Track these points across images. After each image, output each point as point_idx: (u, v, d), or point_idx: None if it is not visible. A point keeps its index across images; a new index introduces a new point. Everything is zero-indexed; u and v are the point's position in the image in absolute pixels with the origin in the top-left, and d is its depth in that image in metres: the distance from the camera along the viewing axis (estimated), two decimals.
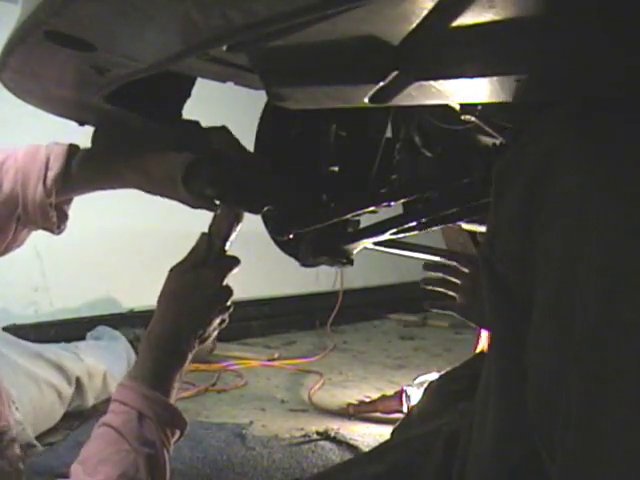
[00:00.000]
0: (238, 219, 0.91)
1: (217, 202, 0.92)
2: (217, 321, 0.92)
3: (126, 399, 0.82)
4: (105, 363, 1.66)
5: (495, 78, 0.53)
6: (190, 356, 0.89)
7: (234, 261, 0.91)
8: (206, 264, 0.89)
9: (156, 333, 0.87)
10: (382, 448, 0.88)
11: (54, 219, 0.89)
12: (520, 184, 0.51)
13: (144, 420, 0.80)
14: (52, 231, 0.92)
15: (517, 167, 0.52)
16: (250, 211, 0.93)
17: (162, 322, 0.87)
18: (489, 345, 0.59)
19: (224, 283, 0.90)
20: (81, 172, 0.89)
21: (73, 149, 0.90)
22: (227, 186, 0.89)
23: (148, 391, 0.82)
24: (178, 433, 0.85)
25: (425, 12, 0.45)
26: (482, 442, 0.57)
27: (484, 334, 1.63)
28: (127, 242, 2.15)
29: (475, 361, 1.16)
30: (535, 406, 0.49)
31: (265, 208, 0.96)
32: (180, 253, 0.92)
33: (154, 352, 0.86)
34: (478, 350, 1.56)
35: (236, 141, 0.94)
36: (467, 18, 0.45)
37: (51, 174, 0.87)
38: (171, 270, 0.89)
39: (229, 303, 0.92)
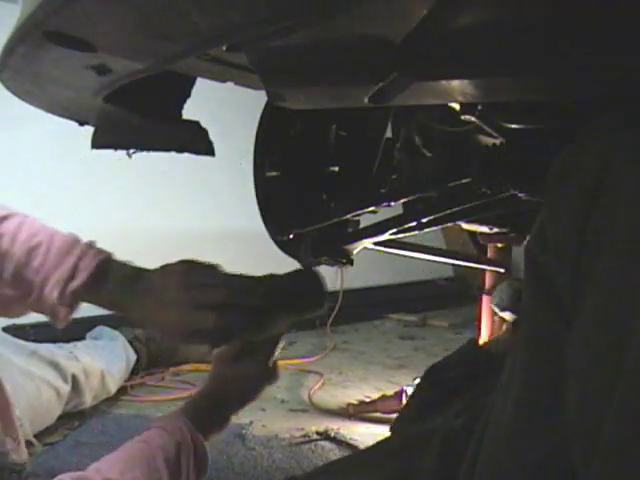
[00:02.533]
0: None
1: None
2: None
3: (171, 428, 0.84)
4: (103, 362, 1.66)
5: (495, 78, 0.53)
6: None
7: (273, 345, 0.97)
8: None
9: (211, 395, 0.93)
10: (376, 451, 0.87)
11: (60, 316, 0.85)
12: (577, 186, 0.50)
13: (182, 453, 0.82)
14: (55, 324, 0.88)
15: (573, 168, 0.51)
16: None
17: (215, 393, 0.93)
18: (516, 339, 0.58)
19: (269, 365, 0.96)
20: (100, 294, 0.84)
21: (103, 265, 0.84)
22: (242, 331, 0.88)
23: (193, 431, 0.85)
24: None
25: (425, 12, 0.45)
26: (496, 442, 0.57)
27: (484, 332, 1.63)
28: (126, 242, 2.15)
29: (466, 349, 1.15)
30: (577, 408, 0.49)
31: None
32: (179, 253, 0.92)
33: (206, 403, 0.92)
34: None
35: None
36: (467, 18, 0.45)
37: (73, 285, 0.82)
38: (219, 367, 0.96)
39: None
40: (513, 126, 0.84)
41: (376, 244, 1.18)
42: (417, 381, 1.56)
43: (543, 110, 0.82)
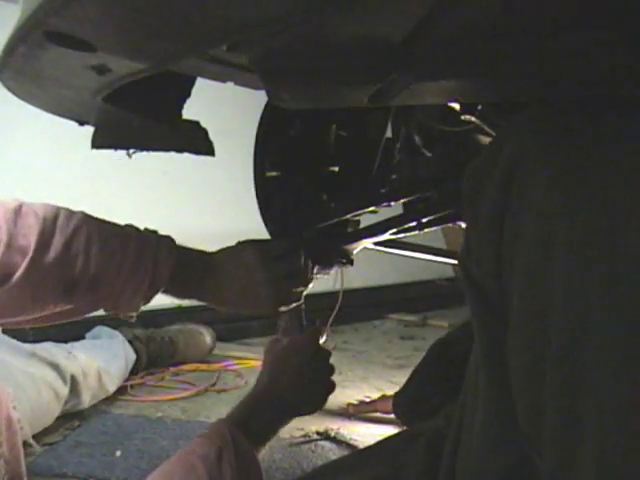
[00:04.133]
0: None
1: None
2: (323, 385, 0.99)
3: (212, 434, 0.84)
4: (100, 360, 1.65)
5: (495, 78, 0.53)
6: (293, 415, 0.94)
7: (316, 327, 1.01)
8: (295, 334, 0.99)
9: (257, 389, 0.94)
10: (365, 453, 0.88)
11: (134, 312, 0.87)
12: (490, 190, 0.51)
13: (223, 459, 0.80)
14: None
15: (487, 173, 0.52)
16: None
17: (262, 381, 0.94)
18: (474, 351, 0.59)
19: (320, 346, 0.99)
20: (180, 291, 0.87)
21: (179, 265, 0.84)
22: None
23: (236, 432, 0.84)
24: None
25: (425, 12, 0.45)
26: (471, 447, 0.57)
27: None
28: None
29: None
30: (522, 410, 0.49)
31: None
32: None
33: (254, 406, 0.91)
34: None
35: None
36: (467, 18, 0.45)
37: (153, 291, 0.82)
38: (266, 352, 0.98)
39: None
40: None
41: (376, 244, 1.18)
42: None
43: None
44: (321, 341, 1.00)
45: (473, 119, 0.81)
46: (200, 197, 2.42)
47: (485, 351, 0.55)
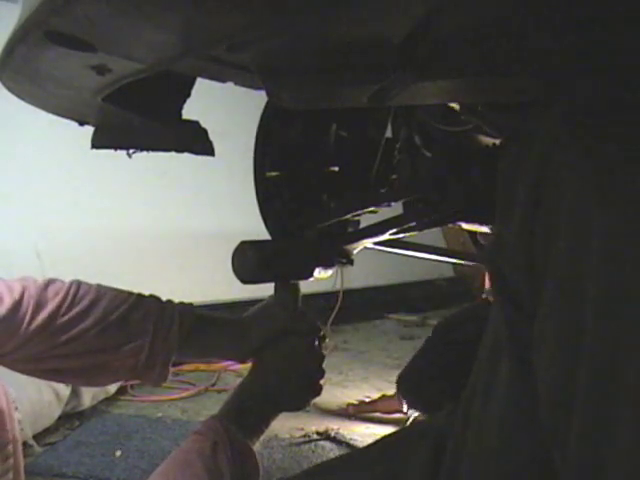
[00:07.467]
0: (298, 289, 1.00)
1: None
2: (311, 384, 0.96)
3: (205, 430, 0.85)
4: None
5: (495, 78, 0.53)
6: (276, 411, 0.93)
7: (314, 328, 0.99)
8: (292, 331, 0.97)
9: (245, 381, 0.94)
10: (368, 450, 0.88)
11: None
12: (522, 188, 0.51)
13: (218, 451, 0.81)
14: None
15: (519, 168, 0.52)
16: (301, 279, 1.02)
17: (252, 374, 0.95)
18: (487, 349, 0.59)
19: (315, 349, 0.98)
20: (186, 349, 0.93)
21: (185, 328, 0.91)
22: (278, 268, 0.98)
23: (229, 425, 0.85)
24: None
25: (425, 12, 0.45)
26: (483, 440, 0.57)
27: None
28: (126, 242, 2.15)
29: (479, 307, 1.14)
30: (546, 406, 0.49)
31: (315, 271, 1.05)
32: (178, 253, 0.92)
33: (241, 394, 0.92)
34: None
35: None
36: (467, 18, 0.45)
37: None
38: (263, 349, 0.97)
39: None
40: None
41: (376, 244, 1.18)
42: None
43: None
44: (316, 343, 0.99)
45: (473, 119, 0.81)
46: (200, 197, 2.42)
47: (509, 345, 0.55)
